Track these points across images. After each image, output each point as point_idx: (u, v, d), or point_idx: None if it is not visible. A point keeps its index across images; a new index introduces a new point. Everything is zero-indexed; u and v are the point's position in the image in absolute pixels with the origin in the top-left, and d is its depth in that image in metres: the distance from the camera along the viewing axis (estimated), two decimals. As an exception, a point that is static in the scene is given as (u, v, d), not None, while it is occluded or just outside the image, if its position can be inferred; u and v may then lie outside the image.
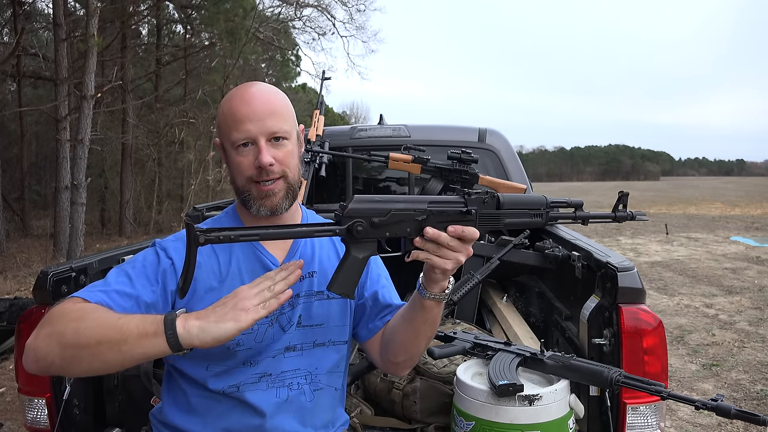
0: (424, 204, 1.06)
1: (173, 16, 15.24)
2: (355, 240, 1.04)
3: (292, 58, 19.25)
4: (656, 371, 1.37)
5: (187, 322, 0.96)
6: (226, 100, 1.17)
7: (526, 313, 2.25)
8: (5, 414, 3.49)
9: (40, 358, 0.99)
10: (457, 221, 1.06)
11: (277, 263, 1.19)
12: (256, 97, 1.14)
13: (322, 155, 2.58)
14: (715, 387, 3.70)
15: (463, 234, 1.04)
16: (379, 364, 1.30)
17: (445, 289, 1.11)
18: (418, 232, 1.05)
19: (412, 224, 1.05)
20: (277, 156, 1.14)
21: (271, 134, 1.13)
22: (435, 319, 1.16)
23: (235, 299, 0.98)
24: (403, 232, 1.06)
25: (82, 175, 7.97)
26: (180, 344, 0.95)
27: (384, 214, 1.04)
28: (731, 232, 11.87)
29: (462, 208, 1.08)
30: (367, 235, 1.04)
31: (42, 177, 15.74)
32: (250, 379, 1.16)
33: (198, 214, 2.38)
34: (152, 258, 1.14)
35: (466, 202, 1.09)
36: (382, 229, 1.04)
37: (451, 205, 1.08)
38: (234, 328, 0.95)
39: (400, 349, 1.22)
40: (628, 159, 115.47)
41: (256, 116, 1.12)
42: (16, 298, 5.06)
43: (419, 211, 1.05)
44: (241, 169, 1.14)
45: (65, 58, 8.67)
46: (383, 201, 1.05)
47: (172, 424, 1.19)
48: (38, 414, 1.47)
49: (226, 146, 1.16)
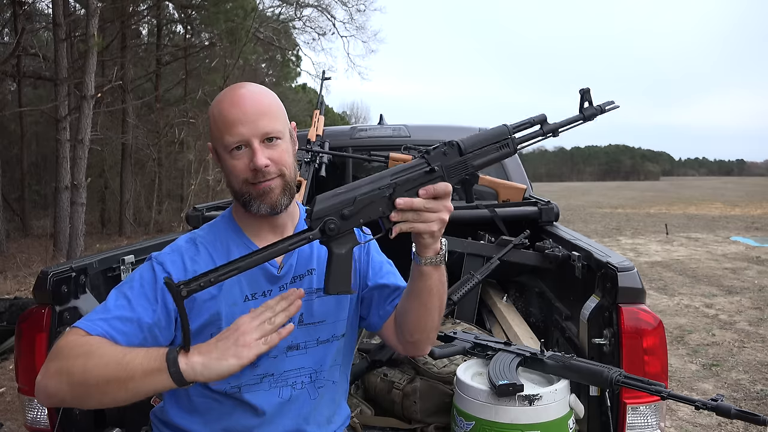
0: (387, 179, 1.04)
1: (173, 16, 15.25)
2: (332, 238, 1.02)
3: (292, 59, 19.25)
4: (656, 371, 1.37)
5: (190, 359, 0.97)
6: (215, 104, 1.16)
7: (526, 313, 2.25)
8: (5, 414, 3.49)
9: (51, 395, 1.01)
10: (425, 182, 1.04)
11: (276, 264, 1.19)
12: (246, 98, 1.13)
13: (322, 155, 2.58)
14: (715, 387, 3.70)
15: (436, 191, 1.02)
16: (399, 348, 1.28)
17: (439, 251, 1.09)
18: (391, 207, 1.03)
19: (383, 202, 1.03)
20: (272, 156, 1.13)
21: (264, 135, 1.13)
22: (438, 286, 1.14)
23: (237, 333, 0.99)
24: (376, 213, 1.04)
25: (82, 175, 7.97)
26: (184, 380, 0.96)
27: (350, 203, 1.02)
28: (731, 232, 11.87)
29: (425, 168, 1.05)
30: (342, 228, 1.02)
31: (42, 177, 15.73)
32: (252, 380, 1.16)
33: (198, 215, 2.37)
34: (149, 275, 1.13)
35: (428, 161, 1.06)
36: (354, 217, 1.02)
37: (414, 170, 1.05)
38: (236, 364, 0.97)
39: (414, 327, 1.20)
40: (628, 159, 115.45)
41: (247, 118, 1.11)
42: (16, 298, 5.06)
43: (384, 188, 1.03)
44: (236, 172, 1.13)
45: (65, 58, 8.68)
46: (346, 191, 1.03)
47: (173, 423, 1.19)
48: (38, 414, 1.47)
49: (220, 151, 1.15)
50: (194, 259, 1.16)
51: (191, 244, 1.19)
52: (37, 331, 1.43)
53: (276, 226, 1.21)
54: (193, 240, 1.20)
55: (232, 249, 1.18)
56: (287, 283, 1.19)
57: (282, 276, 1.19)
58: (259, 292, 1.17)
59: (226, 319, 1.13)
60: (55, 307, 1.45)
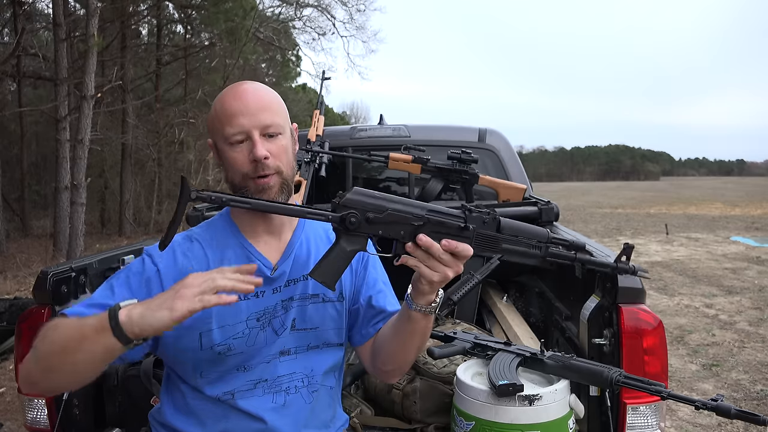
0: (423, 210, 1.04)
1: (173, 16, 15.24)
2: (346, 231, 1.02)
3: (292, 58, 19.24)
4: (656, 371, 1.37)
5: (132, 310, 0.93)
6: (217, 100, 1.17)
7: (526, 313, 2.25)
8: (5, 414, 3.49)
9: (24, 378, 1.03)
10: (453, 235, 1.04)
11: (271, 265, 1.18)
12: (249, 92, 1.15)
13: (322, 155, 2.58)
14: (715, 387, 3.70)
15: (457, 250, 1.02)
16: (370, 370, 1.30)
17: (432, 303, 1.09)
18: (412, 237, 1.03)
19: (407, 228, 1.03)
20: (271, 150, 1.14)
21: (265, 128, 1.13)
22: (423, 331, 1.14)
23: (180, 285, 0.95)
24: (397, 234, 1.04)
25: (82, 175, 7.96)
26: (124, 334, 0.92)
27: (381, 211, 1.02)
28: (731, 232, 11.87)
29: (461, 223, 1.06)
30: (360, 228, 1.02)
31: (42, 177, 15.73)
32: (245, 386, 1.15)
33: (198, 215, 2.37)
34: (137, 267, 1.13)
35: (466, 218, 1.06)
36: (375, 226, 1.02)
37: (450, 218, 1.06)
38: (167, 317, 0.91)
39: (388, 358, 1.21)
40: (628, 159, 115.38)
41: (248, 110, 1.12)
42: (16, 298, 5.06)
43: (416, 216, 1.04)
44: (236, 165, 1.14)
45: (65, 58, 8.67)
46: (382, 198, 1.04)
47: (171, 425, 1.18)
48: (38, 414, 1.47)
49: (220, 144, 1.16)
50: (186, 254, 1.16)
51: (186, 240, 1.20)
52: (37, 331, 1.42)
53: (273, 226, 1.21)
54: (189, 237, 1.21)
55: (228, 248, 1.18)
56: (281, 285, 1.19)
57: (276, 278, 1.18)
58: (251, 293, 1.16)
59: (217, 317, 1.13)
60: (55, 307, 1.45)
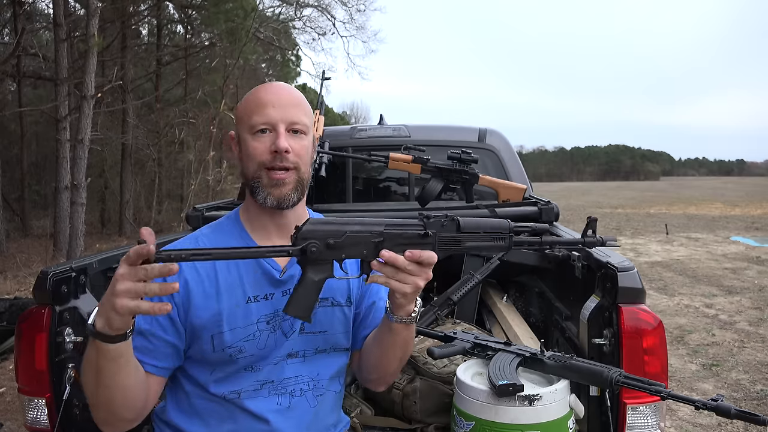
0: (381, 227, 1.05)
1: (173, 16, 15.25)
2: (310, 261, 1.03)
3: (292, 58, 19.24)
4: (656, 371, 1.37)
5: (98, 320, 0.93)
6: (252, 92, 1.20)
7: (526, 313, 2.24)
8: (5, 414, 3.49)
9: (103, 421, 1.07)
10: (415, 244, 1.05)
11: (279, 268, 1.18)
12: (283, 88, 1.19)
13: (322, 155, 2.57)
14: (715, 387, 3.70)
15: (421, 258, 1.03)
16: (358, 377, 1.33)
17: (411, 313, 1.10)
18: (375, 254, 1.04)
19: (369, 246, 1.05)
20: (293, 146, 1.14)
21: (292, 123, 1.15)
22: (405, 341, 1.16)
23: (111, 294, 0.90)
24: (360, 254, 1.05)
25: (82, 175, 7.96)
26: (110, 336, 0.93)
27: (339, 235, 1.03)
28: (731, 232, 11.87)
29: (420, 231, 1.07)
30: (322, 256, 1.03)
31: (42, 177, 15.73)
32: (252, 386, 1.16)
33: (198, 215, 2.37)
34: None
35: (425, 225, 1.07)
36: (337, 251, 1.03)
37: (409, 228, 1.07)
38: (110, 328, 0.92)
39: (372, 367, 1.24)
40: (628, 159, 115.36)
41: (279, 102, 1.15)
42: (16, 298, 5.06)
43: (375, 234, 1.05)
44: (255, 154, 1.14)
45: (65, 58, 8.67)
46: (338, 223, 1.05)
47: (174, 423, 1.18)
48: (38, 414, 1.47)
49: (243, 134, 1.17)
50: None
51: (191, 240, 1.20)
52: (37, 331, 1.42)
53: (282, 226, 1.21)
54: (195, 237, 1.21)
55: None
56: (291, 288, 1.18)
57: (285, 281, 1.18)
58: (261, 295, 1.17)
59: (228, 320, 1.13)
60: (55, 307, 1.45)
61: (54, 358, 1.43)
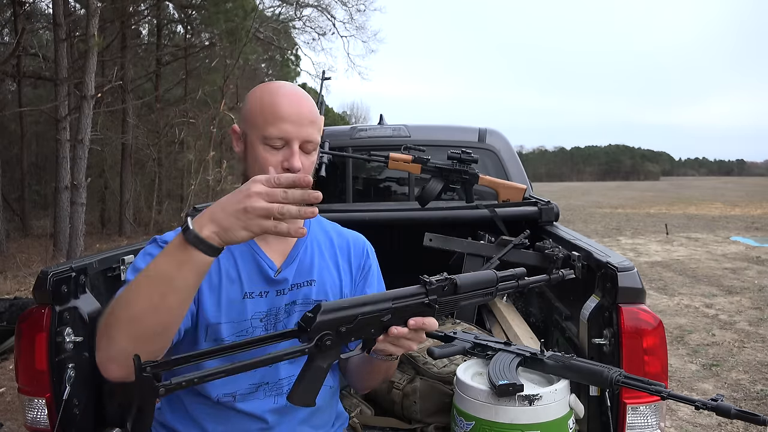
0: (389, 302, 1.04)
1: (173, 16, 15.25)
2: (321, 351, 0.99)
3: (292, 58, 19.25)
4: (656, 371, 1.37)
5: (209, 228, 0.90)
6: (267, 93, 1.14)
7: (526, 313, 2.25)
8: (5, 414, 3.49)
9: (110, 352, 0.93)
10: (418, 313, 1.06)
11: (275, 267, 1.18)
12: (304, 102, 1.14)
13: (322, 155, 2.57)
14: (715, 387, 3.70)
15: (424, 326, 1.05)
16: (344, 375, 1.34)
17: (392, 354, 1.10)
18: (382, 331, 1.04)
19: (377, 325, 1.03)
20: (304, 164, 1.13)
21: (306, 142, 1.13)
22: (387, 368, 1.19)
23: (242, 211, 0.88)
24: (368, 334, 1.03)
25: (82, 175, 7.96)
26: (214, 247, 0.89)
27: (352, 320, 1.00)
28: (731, 232, 11.87)
29: (424, 300, 1.07)
30: (334, 345, 0.99)
31: (42, 177, 15.73)
32: (248, 389, 1.16)
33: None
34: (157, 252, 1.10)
35: (428, 292, 1.08)
36: (348, 335, 1.00)
37: (414, 299, 1.07)
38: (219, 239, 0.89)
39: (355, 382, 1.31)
40: (628, 159, 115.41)
41: (300, 120, 1.12)
42: (16, 298, 5.06)
43: (384, 311, 1.03)
44: (264, 165, 1.12)
45: (65, 58, 8.68)
46: (350, 306, 1.01)
47: (171, 426, 1.18)
48: (38, 414, 1.47)
49: (252, 138, 1.14)
50: None
51: None
52: (37, 331, 1.42)
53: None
54: None
55: (236, 251, 1.17)
56: (285, 289, 1.19)
57: (280, 281, 1.18)
58: (256, 292, 1.16)
59: (226, 312, 1.14)
60: (55, 307, 1.45)
61: (54, 358, 1.42)
